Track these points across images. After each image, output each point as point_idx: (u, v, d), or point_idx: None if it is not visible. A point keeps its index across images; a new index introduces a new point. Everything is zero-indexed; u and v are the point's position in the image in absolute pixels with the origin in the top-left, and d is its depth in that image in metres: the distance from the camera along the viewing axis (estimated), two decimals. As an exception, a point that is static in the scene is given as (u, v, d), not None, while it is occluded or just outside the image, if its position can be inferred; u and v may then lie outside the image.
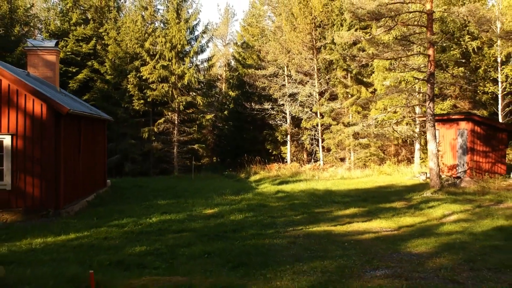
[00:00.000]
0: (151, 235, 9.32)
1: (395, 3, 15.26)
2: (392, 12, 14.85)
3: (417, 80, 18.05)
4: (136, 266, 6.98)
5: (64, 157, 12.69)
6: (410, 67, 17.58)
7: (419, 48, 16.63)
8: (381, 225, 10.35)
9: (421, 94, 21.39)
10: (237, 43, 38.84)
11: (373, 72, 25.35)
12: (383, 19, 15.26)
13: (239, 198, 14.49)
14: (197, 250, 7.82)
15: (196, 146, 28.23)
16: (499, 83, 24.95)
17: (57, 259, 7.63)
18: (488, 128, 18.71)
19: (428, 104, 15.60)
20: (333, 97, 28.08)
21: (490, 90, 25.45)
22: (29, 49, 15.63)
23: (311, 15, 27.20)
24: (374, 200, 14.10)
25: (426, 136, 17.23)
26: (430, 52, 15.40)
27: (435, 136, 16.18)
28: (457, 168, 19.36)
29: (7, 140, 12.20)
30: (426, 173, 19.69)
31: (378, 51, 15.12)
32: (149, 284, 5.89)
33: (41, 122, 12.34)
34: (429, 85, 15.59)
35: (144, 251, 7.90)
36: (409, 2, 15.79)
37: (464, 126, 18.87)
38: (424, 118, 18.68)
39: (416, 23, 16.80)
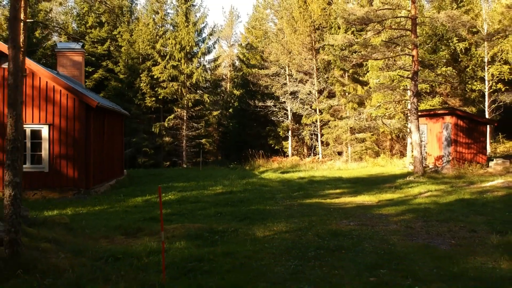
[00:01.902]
0: (173, 204, 11.31)
1: (382, 9, 17.20)
2: (379, 18, 16.76)
3: (402, 78, 19.89)
4: (165, 220, 8.94)
5: (92, 144, 14.70)
6: (398, 67, 19.45)
7: (406, 49, 18.46)
8: (364, 199, 12.28)
9: (410, 91, 23.20)
10: (241, 44, 40.84)
11: (368, 71, 27.24)
12: (371, 24, 17.16)
13: (244, 181, 16.46)
14: (211, 212, 9.81)
15: (203, 141, 30.25)
16: (486, 82, 26.80)
17: (100, 218, 9.63)
18: (470, 122, 20.57)
19: (412, 100, 17.50)
20: (331, 95, 29.98)
21: (477, 88, 27.32)
22: (59, 50, 17.68)
23: (311, 18, 29.13)
24: (363, 183, 16.03)
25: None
26: (414, 53, 17.30)
27: (419, 128, 18.04)
28: (442, 158, 21.21)
29: (45, 130, 14.20)
30: (415, 163, 21.55)
31: (367, 52, 17.03)
32: (178, 227, 7.89)
33: (73, 114, 14.33)
34: (413, 82, 17.49)
35: (170, 212, 9.89)
36: (395, 9, 17.69)
37: (449, 120, 20.70)
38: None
39: (402, 27, 18.69)
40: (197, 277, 5.12)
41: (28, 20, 8.47)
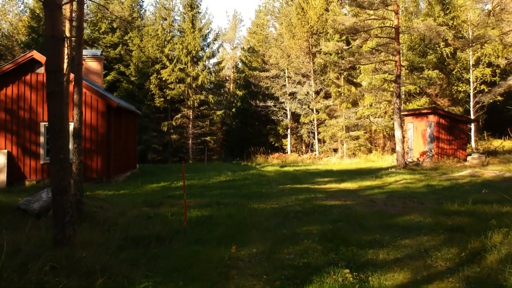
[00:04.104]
0: (184, 188, 13.48)
1: (369, 19, 19.31)
2: (366, 28, 18.87)
3: (386, 81, 21.96)
4: (179, 198, 11.11)
5: (112, 139, 16.89)
6: (384, 71, 21.55)
7: (391, 55, 20.53)
8: (347, 185, 14.38)
9: (394, 92, 25.24)
10: (244, 47, 43.06)
11: (361, 74, 29.34)
12: (358, 33, 19.27)
13: (245, 173, 18.63)
14: (217, 192, 11.99)
15: (208, 138, 32.48)
16: (471, 83, 28.84)
17: (127, 197, 11.80)
18: (451, 120, 22.61)
19: (395, 100, 19.60)
20: (327, 96, 32.11)
21: (463, 89, 29.37)
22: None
23: (308, 24, 31.25)
24: (349, 174, 18.13)
25: (404, 126, 21.15)
26: (397, 58, 19.39)
27: (401, 125, 20.14)
28: (426, 153, 23.27)
29: (71, 127, 16.39)
30: (402, 158, 23.56)
31: (355, 58, 19.14)
32: (191, 201, 10.07)
33: (97, 113, 16.54)
34: (396, 84, 19.58)
35: (182, 193, 12.04)
36: (380, 19, 19.79)
37: (432, 118, 22.73)
38: (404, 113, 22.76)
39: (387, 35, 20.79)
40: (209, 226, 7.29)
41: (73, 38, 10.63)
